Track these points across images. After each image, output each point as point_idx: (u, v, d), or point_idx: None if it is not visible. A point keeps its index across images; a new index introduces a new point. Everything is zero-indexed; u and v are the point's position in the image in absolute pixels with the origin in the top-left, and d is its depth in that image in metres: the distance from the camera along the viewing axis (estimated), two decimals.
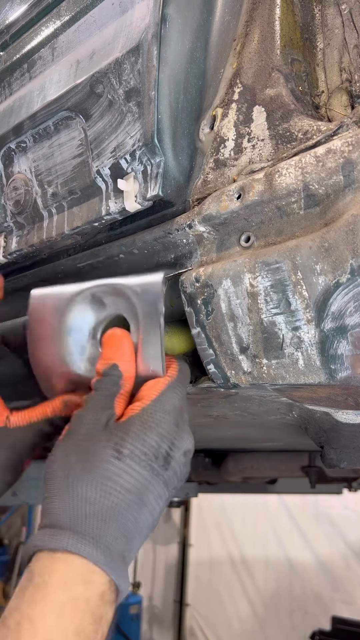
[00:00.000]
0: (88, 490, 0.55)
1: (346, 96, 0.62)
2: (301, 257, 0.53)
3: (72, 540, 0.53)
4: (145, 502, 0.57)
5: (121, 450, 0.56)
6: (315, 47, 0.65)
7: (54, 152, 0.74)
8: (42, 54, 0.78)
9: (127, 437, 0.57)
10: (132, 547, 0.56)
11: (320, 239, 0.51)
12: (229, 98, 0.63)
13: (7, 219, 0.81)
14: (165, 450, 0.58)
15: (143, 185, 0.64)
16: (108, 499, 0.55)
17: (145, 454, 0.57)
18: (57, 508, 0.56)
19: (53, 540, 0.53)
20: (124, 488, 0.55)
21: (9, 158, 0.80)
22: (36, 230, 0.78)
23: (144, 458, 0.57)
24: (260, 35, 0.63)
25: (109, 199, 0.68)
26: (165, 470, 0.58)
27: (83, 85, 0.68)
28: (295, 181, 0.53)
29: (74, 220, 0.72)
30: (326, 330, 0.53)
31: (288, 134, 0.57)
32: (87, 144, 0.69)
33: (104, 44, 0.68)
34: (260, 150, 0.60)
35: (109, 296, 0.67)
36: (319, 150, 0.52)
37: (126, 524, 0.55)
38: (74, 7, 0.75)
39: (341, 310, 0.51)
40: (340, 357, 0.53)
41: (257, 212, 0.58)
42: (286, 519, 4.78)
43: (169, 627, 5.50)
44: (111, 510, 0.55)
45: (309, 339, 0.54)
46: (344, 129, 0.53)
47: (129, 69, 0.63)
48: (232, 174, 0.62)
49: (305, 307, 0.54)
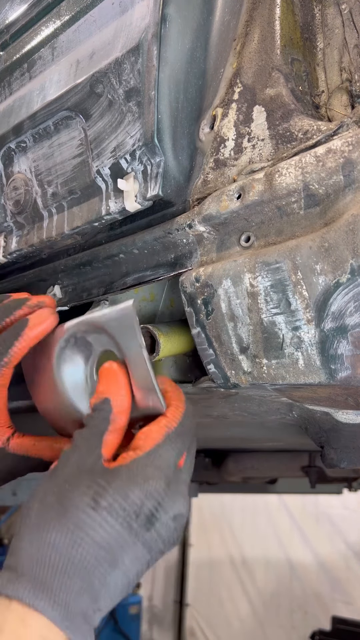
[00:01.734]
0: (57, 537, 0.51)
1: (346, 96, 0.62)
2: (301, 257, 0.53)
3: (28, 592, 0.49)
4: (118, 562, 0.52)
5: (99, 501, 0.52)
6: (315, 46, 0.65)
7: (54, 152, 0.74)
8: (42, 54, 0.78)
9: (108, 488, 0.53)
10: (99, 607, 0.52)
11: (320, 238, 0.51)
12: (229, 98, 0.63)
13: (7, 218, 0.81)
14: (149, 509, 0.53)
15: (143, 185, 0.64)
16: (76, 550, 0.51)
17: (124, 510, 0.52)
18: (22, 549, 0.52)
19: (9, 587, 0.50)
20: (94, 541, 0.51)
21: (9, 158, 0.80)
22: (36, 230, 0.78)
23: (122, 514, 0.52)
24: (260, 35, 0.63)
25: (109, 198, 0.68)
26: (146, 531, 0.53)
27: (83, 85, 0.68)
28: (295, 181, 0.53)
29: (74, 220, 0.72)
30: (326, 330, 0.53)
31: (288, 134, 0.57)
32: (87, 143, 0.68)
33: (104, 43, 0.68)
34: (260, 150, 0.60)
35: (90, 334, 0.64)
36: (319, 150, 0.52)
37: (92, 581, 0.51)
38: (73, 7, 0.75)
39: (341, 310, 0.51)
40: (341, 357, 0.53)
41: (257, 212, 0.58)
42: (286, 519, 4.78)
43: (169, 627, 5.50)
44: (78, 563, 0.51)
45: (309, 339, 0.54)
46: (344, 129, 0.53)
47: (129, 69, 0.63)
48: (232, 174, 0.61)
49: (306, 307, 0.53)
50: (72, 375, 0.66)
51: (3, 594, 0.50)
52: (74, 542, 0.51)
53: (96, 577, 0.51)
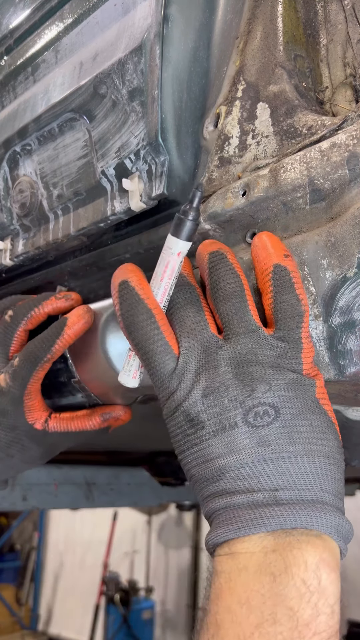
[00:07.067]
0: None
1: (350, 91, 0.62)
2: (307, 252, 0.52)
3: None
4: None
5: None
6: (318, 43, 0.65)
7: (58, 153, 0.74)
8: (46, 57, 0.79)
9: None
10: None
11: (326, 233, 0.51)
12: (233, 95, 0.63)
13: (13, 221, 0.82)
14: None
15: (148, 185, 0.64)
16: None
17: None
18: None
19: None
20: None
21: (14, 161, 0.80)
22: (42, 232, 0.78)
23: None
24: (262, 32, 0.62)
25: (114, 199, 0.68)
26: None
27: (87, 87, 0.68)
28: (300, 176, 0.53)
29: (79, 221, 0.72)
30: (334, 326, 0.52)
31: (292, 130, 0.57)
32: (92, 144, 0.69)
33: (106, 45, 0.68)
34: (264, 147, 0.59)
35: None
36: (323, 144, 0.52)
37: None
38: (76, 9, 0.75)
39: (349, 304, 0.51)
40: (349, 352, 0.52)
41: (262, 208, 0.57)
42: None
43: (182, 631, 5.47)
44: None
45: (317, 335, 0.54)
46: (348, 123, 0.53)
47: (132, 69, 0.63)
48: (237, 171, 0.61)
49: (313, 302, 0.53)
50: (116, 346, 0.72)
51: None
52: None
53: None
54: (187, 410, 0.50)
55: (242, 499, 0.47)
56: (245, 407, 0.48)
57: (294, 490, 0.47)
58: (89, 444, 1.44)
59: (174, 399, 0.51)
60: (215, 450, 0.49)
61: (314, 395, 0.50)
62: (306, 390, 0.50)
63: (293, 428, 0.48)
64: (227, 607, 0.44)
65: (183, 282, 0.56)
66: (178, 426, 0.51)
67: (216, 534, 0.48)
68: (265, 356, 0.51)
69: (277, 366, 0.50)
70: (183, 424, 0.51)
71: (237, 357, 0.51)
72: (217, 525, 0.48)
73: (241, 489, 0.48)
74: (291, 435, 0.48)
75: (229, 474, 0.48)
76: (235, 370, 0.50)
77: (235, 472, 0.48)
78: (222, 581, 0.46)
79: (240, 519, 0.46)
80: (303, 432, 0.48)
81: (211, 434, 0.49)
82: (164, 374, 0.52)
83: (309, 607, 0.42)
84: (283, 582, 0.43)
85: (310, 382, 0.51)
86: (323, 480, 0.48)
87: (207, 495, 0.50)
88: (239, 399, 0.49)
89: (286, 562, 0.44)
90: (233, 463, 0.48)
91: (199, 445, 0.50)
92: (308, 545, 0.45)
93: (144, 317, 0.52)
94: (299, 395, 0.49)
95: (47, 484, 1.56)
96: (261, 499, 0.47)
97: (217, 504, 0.49)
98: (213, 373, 0.50)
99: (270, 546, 0.45)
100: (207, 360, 0.51)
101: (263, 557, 0.45)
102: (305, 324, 0.52)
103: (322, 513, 0.46)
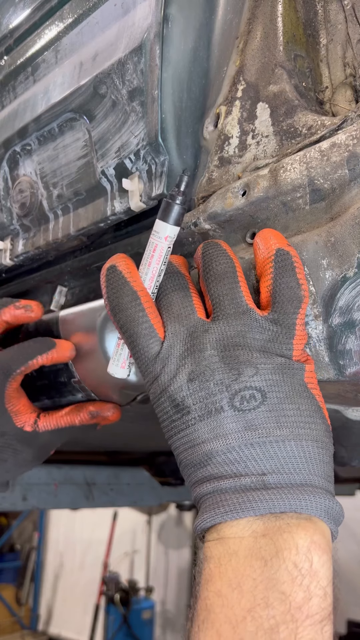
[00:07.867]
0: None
1: (350, 91, 0.62)
2: (307, 252, 0.52)
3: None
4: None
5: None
6: (318, 42, 0.65)
7: (58, 153, 0.74)
8: (46, 57, 0.79)
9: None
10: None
11: (326, 233, 0.51)
12: (233, 95, 0.63)
13: (13, 221, 0.82)
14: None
15: (148, 185, 0.64)
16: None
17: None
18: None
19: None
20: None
21: (14, 161, 0.80)
22: (42, 232, 0.78)
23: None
24: (262, 32, 0.62)
25: (114, 199, 0.68)
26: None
27: (87, 87, 0.68)
28: (300, 176, 0.53)
29: (79, 221, 0.72)
30: (334, 326, 0.52)
31: (292, 130, 0.57)
32: (92, 144, 0.69)
33: (106, 45, 0.68)
34: (264, 147, 0.59)
35: None
36: (323, 144, 0.52)
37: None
38: (76, 9, 0.75)
39: (349, 304, 0.51)
40: (349, 352, 0.52)
41: (262, 208, 0.57)
42: None
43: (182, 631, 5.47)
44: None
45: (317, 335, 0.54)
46: (348, 123, 0.53)
47: (132, 69, 0.63)
48: (237, 171, 0.61)
49: (313, 302, 0.53)
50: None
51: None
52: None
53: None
54: (173, 395, 0.50)
55: (229, 483, 0.47)
56: (231, 391, 0.48)
57: (283, 474, 0.46)
58: (86, 443, 1.44)
59: (159, 383, 0.51)
60: (202, 435, 0.48)
61: (302, 379, 0.50)
62: (294, 374, 0.49)
63: (280, 412, 0.47)
64: (217, 592, 0.44)
65: (172, 270, 0.56)
66: (164, 412, 0.51)
67: (203, 519, 0.47)
68: (254, 340, 0.50)
69: (265, 350, 0.49)
70: (169, 409, 0.50)
71: (224, 340, 0.50)
72: (204, 510, 0.48)
73: (228, 473, 0.47)
74: (278, 419, 0.47)
75: (216, 459, 0.47)
76: (221, 354, 0.49)
77: (222, 456, 0.47)
78: (212, 566, 0.45)
79: (227, 502, 0.46)
80: (290, 415, 0.48)
81: (197, 418, 0.48)
82: (148, 358, 0.51)
83: (301, 590, 0.42)
84: (274, 566, 0.42)
85: (299, 367, 0.50)
86: (311, 464, 0.47)
87: (195, 480, 0.49)
88: (225, 382, 0.48)
89: (277, 545, 0.43)
90: (220, 448, 0.47)
91: (185, 431, 0.49)
92: (298, 529, 0.44)
93: (129, 299, 0.52)
94: (286, 379, 0.49)
95: (47, 484, 1.56)
96: (249, 483, 0.46)
97: (204, 489, 0.48)
98: (199, 357, 0.49)
99: (260, 530, 0.45)
100: (193, 344, 0.50)
101: (253, 541, 0.44)
102: (303, 310, 0.51)
103: (312, 496, 0.45)
